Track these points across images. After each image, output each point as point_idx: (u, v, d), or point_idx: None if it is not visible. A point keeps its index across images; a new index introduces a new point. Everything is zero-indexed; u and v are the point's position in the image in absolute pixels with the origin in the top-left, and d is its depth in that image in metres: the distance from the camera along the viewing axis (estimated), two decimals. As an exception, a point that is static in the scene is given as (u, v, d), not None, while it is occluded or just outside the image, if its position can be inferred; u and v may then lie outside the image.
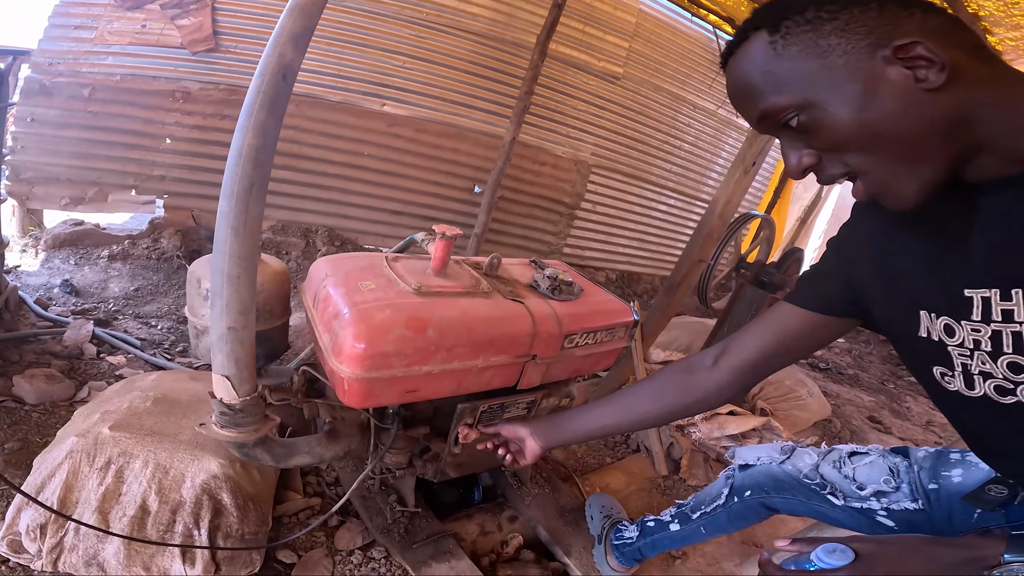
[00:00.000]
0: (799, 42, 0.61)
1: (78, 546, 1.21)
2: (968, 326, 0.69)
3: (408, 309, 1.03)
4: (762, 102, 0.65)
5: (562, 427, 1.16)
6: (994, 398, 0.70)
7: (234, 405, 0.94)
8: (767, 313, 0.98)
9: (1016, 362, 0.65)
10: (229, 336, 0.85)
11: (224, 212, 0.79)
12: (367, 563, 1.46)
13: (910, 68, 0.58)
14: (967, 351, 0.70)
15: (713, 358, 1.02)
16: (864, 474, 1.10)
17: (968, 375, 0.72)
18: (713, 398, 1.03)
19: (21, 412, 1.69)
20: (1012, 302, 0.63)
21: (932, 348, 0.75)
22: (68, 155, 2.87)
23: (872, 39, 0.58)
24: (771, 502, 1.25)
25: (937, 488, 1.02)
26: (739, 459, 1.33)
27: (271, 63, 0.78)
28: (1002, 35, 2.21)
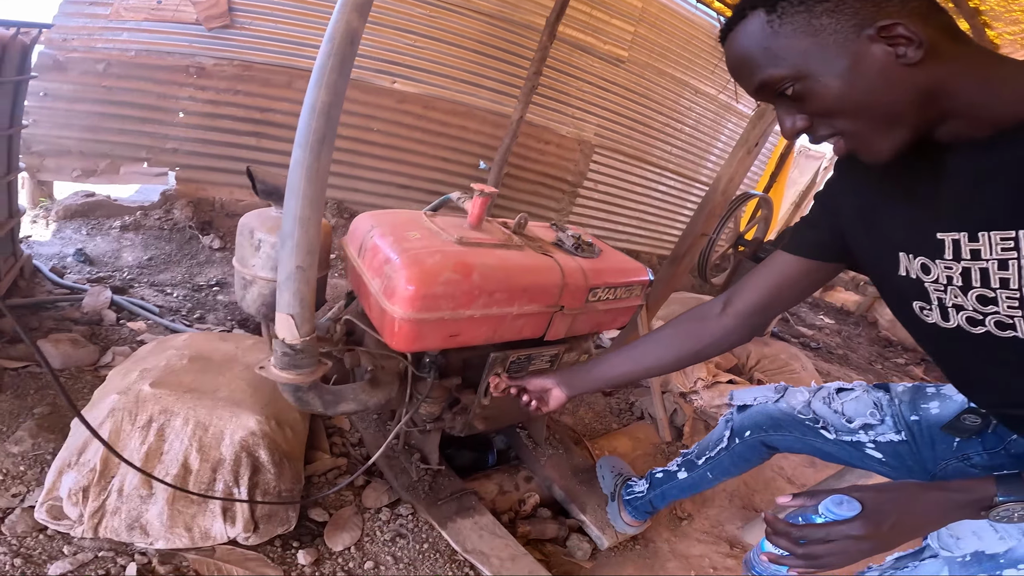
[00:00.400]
0: (794, 21, 0.69)
1: (120, 509, 1.22)
2: (942, 264, 0.78)
3: (454, 255, 1.12)
4: (761, 74, 0.73)
5: (584, 376, 1.24)
6: (967, 329, 0.79)
7: (295, 345, 1.01)
8: (765, 262, 1.08)
9: (984, 295, 0.75)
10: (297, 275, 0.94)
11: (299, 160, 0.87)
12: (395, 520, 1.53)
13: (892, 45, 0.65)
14: (941, 286, 0.80)
15: (721, 305, 1.12)
16: (852, 408, 1.19)
17: (943, 308, 0.81)
18: (723, 342, 1.13)
19: (46, 377, 1.70)
20: (979, 243, 0.73)
21: (911, 285, 0.84)
22: (80, 128, 2.89)
23: (858, 19, 0.66)
24: (770, 440, 1.34)
25: (918, 420, 1.11)
26: (737, 400, 1.42)
27: (340, 29, 0.84)
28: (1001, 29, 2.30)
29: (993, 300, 0.74)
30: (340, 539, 1.41)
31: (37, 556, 1.19)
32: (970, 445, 1.02)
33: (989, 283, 0.74)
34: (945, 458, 1.05)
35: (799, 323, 4.94)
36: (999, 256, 0.71)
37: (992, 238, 0.71)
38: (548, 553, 1.64)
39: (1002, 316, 0.74)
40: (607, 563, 1.67)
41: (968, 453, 1.02)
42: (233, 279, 2.72)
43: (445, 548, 1.48)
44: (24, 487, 1.32)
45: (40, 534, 1.23)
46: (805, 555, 0.82)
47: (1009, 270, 0.71)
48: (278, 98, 3.11)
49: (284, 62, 3.08)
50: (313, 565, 1.34)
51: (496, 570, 1.41)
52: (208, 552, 1.27)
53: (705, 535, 1.90)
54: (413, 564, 1.42)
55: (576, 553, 1.65)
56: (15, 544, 1.19)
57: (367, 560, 1.40)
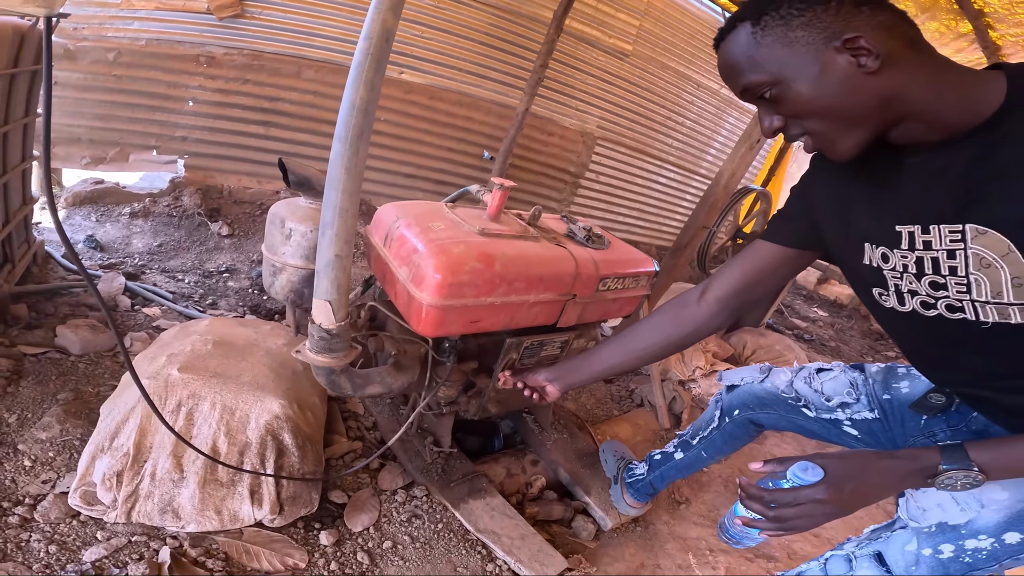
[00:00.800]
0: (774, 33, 0.76)
1: (153, 493, 1.24)
2: (899, 253, 0.87)
3: (478, 245, 1.18)
4: (744, 79, 0.81)
5: (576, 370, 1.32)
6: (921, 312, 0.88)
7: (331, 330, 1.06)
8: (744, 250, 1.15)
9: (935, 281, 0.83)
10: (335, 263, 0.99)
11: (339, 154, 0.92)
12: (410, 501, 1.58)
13: (854, 56, 0.72)
14: (898, 274, 0.88)
15: (699, 293, 1.19)
16: (830, 387, 1.26)
17: (900, 293, 0.90)
18: (704, 327, 1.19)
19: (67, 363, 1.72)
20: (931, 235, 0.82)
21: (872, 273, 0.93)
22: (90, 116, 2.90)
23: (828, 32, 0.73)
24: (757, 418, 1.41)
25: (890, 399, 1.19)
26: (726, 380, 1.49)
27: (376, 28, 0.88)
28: (1004, 31, 2.35)
29: (943, 286, 0.83)
30: (359, 520, 1.46)
31: (71, 542, 1.21)
32: (936, 423, 1.10)
33: (940, 271, 0.82)
34: (913, 435, 1.12)
35: (793, 315, 5.02)
36: (948, 247, 0.80)
37: (942, 231, 0.80)
38: (554, 533, 1.69)
39: (952, 300, 0.83)
40: (610, 543, 1.74)
41: (934, 430, 1.09)
42: (243, 266, 2.78)
43: (458, 528, 1.54)
44: (55, 473, 1.34)
45: (73, 520, 1.25)
46: (775, 518, 0.90)
47: (957, 259, 0.79)
48: (287, 88, 3.13)
49: (294, 52, 3.09)
50: (335, 545, 1.39)
51: (507, 548, 1.48)
52: (236, 534, 1.31)
53: (702, 518, 1.97)
54: (429, 543, 1.48)
55: (581, 533, 1.71)
56: (48, 531, 1.21)
57: (385, 540, 1.46)
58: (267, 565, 1.28)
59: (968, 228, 0.77)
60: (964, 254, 0.78)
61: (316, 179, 1.35)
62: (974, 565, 0.92)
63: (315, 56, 3.13)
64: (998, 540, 0.90)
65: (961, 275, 0.80)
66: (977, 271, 0.78)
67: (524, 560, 1.46)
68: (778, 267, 1.11)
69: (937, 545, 0.94)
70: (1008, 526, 0.89)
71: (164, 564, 1.19)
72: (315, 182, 1.35)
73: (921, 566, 0.96)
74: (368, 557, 1.40)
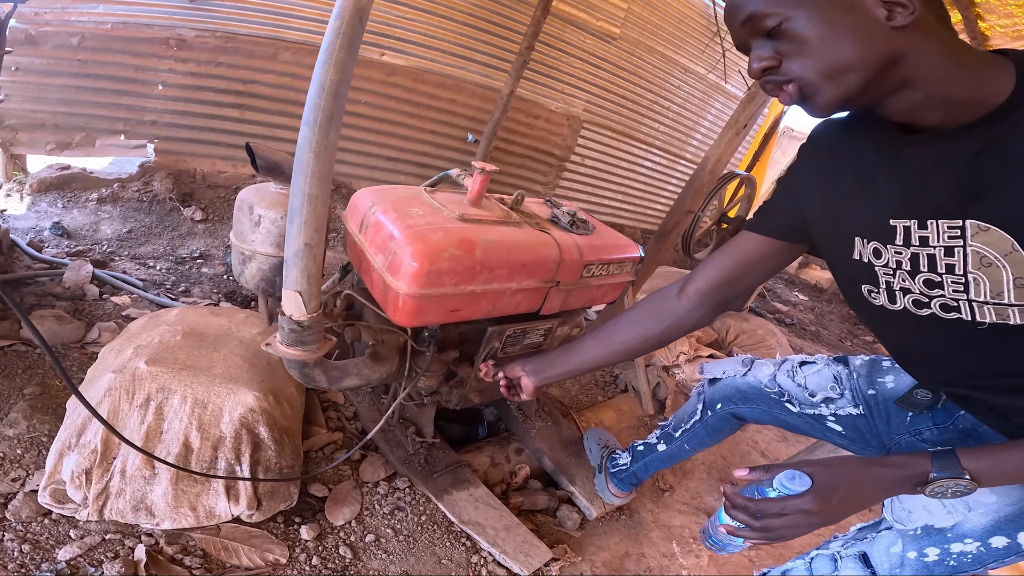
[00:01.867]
0: None
1: (125, 490, 1.20)
2: (892, 249, 0.82)
3: (457, 232, 1.13)
4: (752, 5, 0.74)
5: (553, 363, 1.26)
6: (912, 311, 0.84)
7: (303, 321, 1.02)
8: (728, 243, 1.10)
9: (931, 279, 0.79)
10: (305, 252, 0.94)
11: (307, 138, 0.87)
12: (392, 493, 1.55)
13: (886, 5, 0.68)
14: (891, 270, 0.84)
15: (680, 287, 1.14)
16: (814, 382, 1.23)
17: (891, 291, 0.86)
18: (683, 322, 1.13)
19: (33, 356, 1.66)
20: (928, 230, 0.77)
21: (862, 268, 0.88)
22: (55, 102, 2.79)
23: None
24: (739, 412, 1.39)
25: (875, 394, 1.15)
26: (708, 373, 1.46)
27: (348, 6, 0.83)
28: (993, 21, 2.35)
29: (939, 284, 0.79)
30: (341, 514, 1.44)
31: (44, 541, 1.18)
32: (921, 420, 1.07)
33: (936, 268, 0.78)
34: (899, 432, 1.10)
35: (775, 299, 5.07)
36: (946, 243, 0.76)
37: (940, 226, 0.76)
38: (539, 523, 1.69)
39: (947, 299, 0.79)
40: (595, 532, 1.74)
41: (919, 428, 1.06)
42: (217, 252, 2.71)
43: (442, 520, 1.52)
44: (23, 471, 1.30)
45: (45, 519, 1.22)
46: (762, 528, 0.87)
47: (955, 257, 0.75)
48: (262, 70, 3.03)
49: (269, 33, 2.99)
50: (316, 540, 1.37)
51: (491, 539, 1.47)
52: (214, 531, 1.28)
53: (685, 506, 1.98)
54: (412, 536, 1.46)
55: (566, 523, 1.71)
56: (21, 530, 1.18)
57: (368, 533, 1.43)
58: (247, 561, 1.25)
59: (968, 224, 0.73)
60: (963, 251, 0.74)
61: (286, 164, 1.30)
62: (959, 568, 0.92)
63: (292, 38, 3.03)
64: (984, 544, 0.89)
65: (959, 273, 0.76)
66: (976, 270, 0.74)
67: (509, 551, 1.45)
68: (763, 259, 1.06)
69: (922, 548, 0.93)
70: (995, 530, 0.88)
71: (140, 562, 1.16)
72: (285, 167, 1.30)
73: (906, 568, 0.95)
74: (351, 551, 1.37)
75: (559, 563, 1.53)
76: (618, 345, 1.19)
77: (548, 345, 1.59)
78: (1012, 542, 0.87)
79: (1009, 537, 0.87)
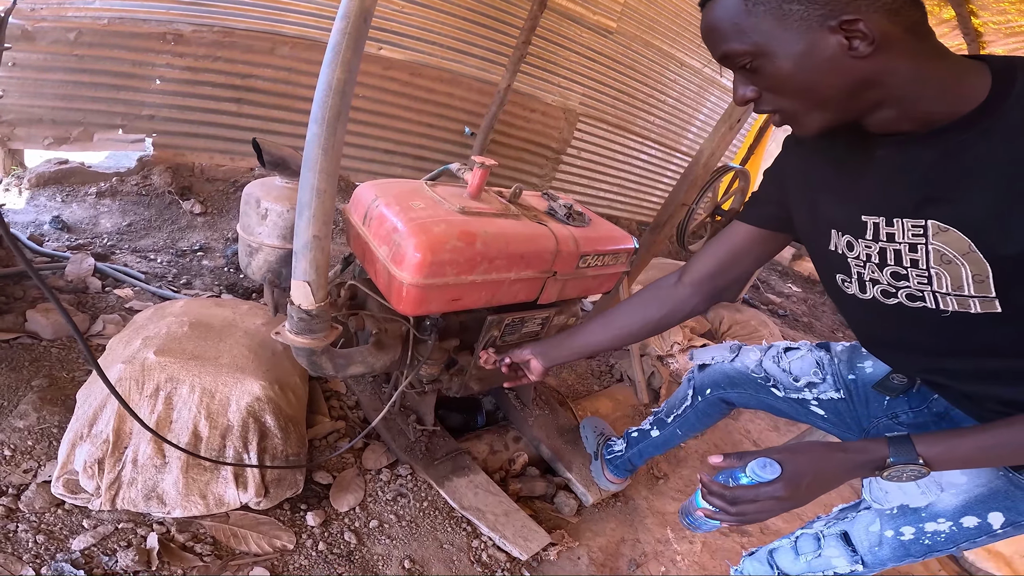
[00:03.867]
0: (767, 3, 0.70)
1: (136, 479, 1.22)
2: (863, 243, 0.86)
3: (459, 224, 1.17)
4: (725, 45, 0.76)
5: (559, 346, 1.31)
6: (880, 300, 0.89)
7: (311, 311, 1.05)
8: (720, 233, 1.15)
9: (897, 272, 0.83)
10: (313, 244, 0.97)
11: (315, 135, 0.90)
12: (395, 480, 1.59)
13: (847, 38, 0.68)
14: (861, 263, 0.88)
15: (677, 276, 1.20)
16: (797, 367, 1.28)
17: (862, 281, 0.90)
18: (681, 309, 1.19)
19: (39, 348, 1.68)
20: (894, 228, 0.81)
21: (837, 259, 0.93)
22: (52, 97, 2.78)
23: (827, 10, 0.67)
24: (728, 396, 1.43)
25: (855, 379, 1.20)
26: (697, 359, 1.50)
27: (354, 7, 0.85)
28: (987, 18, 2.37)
29: (905, 277, 0.83)
30: (345, 500, 1.48)
31: (58, 531, 1.20)
32: (898, 404, 1.11)
33: (902, 262, 0.82)
34: (877, 415, 1.14)
35: (768, 290, 5.11)
36: (910, 241, 0.80)
37: (904, 224, 0.80)
38: (537, 509, 1.73)
39: (912, 290, 0.83)
40: (592, 518, 1.78)
41: (896, 412, 1.11)
42: (217, 244, 2.73)
43: (443, 505, 1.56)
44: (35, 462, 1.32)
45: (58, 509, 1.24)
46: (737, 513, 0.92)
47: (918, 253, 0.79)
48: (260, 64, 3.04)
49: (267, 28, 2.99)
50: (321, 526, 1.40)
51: (491, 525, 1.51)
52: (223, 518, 1.31)
53: (679, 493, 2.02)
54: (415, 521, 1.50)
55: (563, 509, 1.75)
56: (35, 521, 1.20)
57: (372, 519, 1.47)
58: (255, 548, 1.29)
59: (930, 224, 0.77)
60: (925, 248, 0.78)
61: (292, 159, 1.33)
62: (933, 547, 0.96)
63: (290, 32, 3.03)
64: (956, 524, 0.93)
65: (922, 268, 0.80)
66: (938, 266, 0.78)
67: (508, 536, 1.49)
68: (752, 248, 1.11)
69: (899, 527, 0.98)
70: (966, 510, 0.92)
71: (152, 550, 1.19)
72: (291, 162, 1.33)
73: (884, 547, 0.99)
74: (355, 537, 1.41)
75: (557, 548, 1.57)
76: (619, 330, 1.25)
77: (546, 333, 1.63)
78: (983, 522, 0.92)
79: (979, 517, 0.92)
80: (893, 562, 1.01)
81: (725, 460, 0.96)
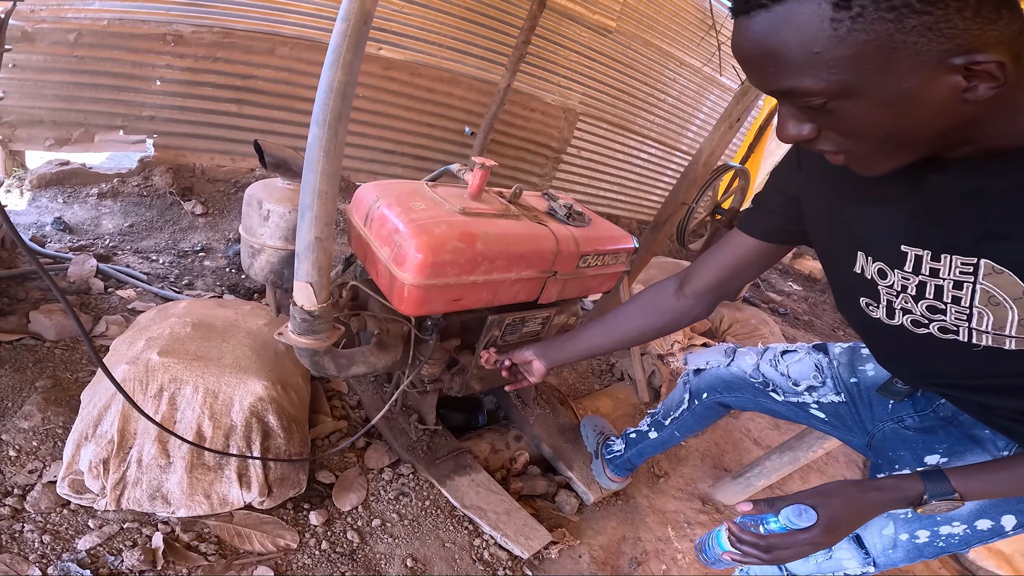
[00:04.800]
0: (871, 29, 0.51)
1: (141, 479, 1.23)
2: (900, 273, 0.78)
3: (459, 225, 1.18)
4: (790, 80, 0.57)
5: (561, 348, 1.31)
6: (909, 328, 0.83)
7: (314, 311, 1.06)
8: (721, 242, 1.10)
9: (934, 306, 0.77)
10: (316, 245, 0.98)
11: (316, 137, 0.91)
12: (397, 479, 1.60)
13: (969, 79, 0.53)
14: (894, 292, 0.81)
15: (677, 284, 1.16)
16: (796, 371, 1.25)
17: (891, 309, 0.84)
18: (682, 319, 1.17)
19: (43, 349, 1.68)
20: (940, 263, 0.73)
21: (863, 282, 0.86)
22: (52, 98, 2.79)
23: (953, 44, 0.51)
24: (725, 400, 1.42)
25: (857, 382, 1.18)
26: (691, 364, 1.49)
27: (354, 9, 0.85)
28: None
29: (942, 311, 0.76)
30: (347, 499, 1.48)
31: (64, 531, 1.21)
32: (903, 408, 1.09)
33: (942, 298, 0.75)
34: (882, 419, 1.12)
35: (768, 289, 5.11)
36: (957, 278, 0.72)
37: (953, 261, 0.72)
38: (539, 508, 1.74)
39: (947, 324, 0.77)
40: (593, 517, 1.78)
41: (902, 415, 1.09)
42: (219, 245, 2.74)
43: (445, 504, 1.57)
44: (40, 462, 1.32)
45: (64, 509, 1.25)
46: (771, 560, 0.91)
47: (963, 290, 0.72)
48: (261, 65, 3.04)
49: (267, 28, 3.00)
50: (324, 525, 1.41)
51: (493, 523, 1.51)
52: (227, 518, 1.32)
53: (680, 492, 2.03)
54: (417, 520, 1.51)
55: (564, 508, 1.75)
56: (41, 521, 1.21)
57: (374, 518, 1.48)
58: (259, 547, 1.29)
59: (983, 263, 0.68)
60: (972, 287, 0.71)
61: (293, 160, 1.34)
62: (947, 548, 0.97)
63: (289, 33, 3.04)
64: (970, 526, 0.93)
65: (964, 305, 0.73)
66: (983, 306, 0.71)
67: (510, 535, 1.49)
68: (756, 260, 1.07)
69: (914, 531, 0.98)
70: (981, 514, 0.93)
71: (158, 550, 1.20)
72: (292, 163, 1.33)
73: (898, 550, 0.99)
74: (358, 536, 1.42)
75: (558, 546, 1.58)
76: (620, 335, 1.24)
77: (546, 333, 1.63)
78: (996, 524, 0.92)
79: (993, 520, 0.92)
80: (905, 563, 1.01)
81: (755, 507, 0.94)
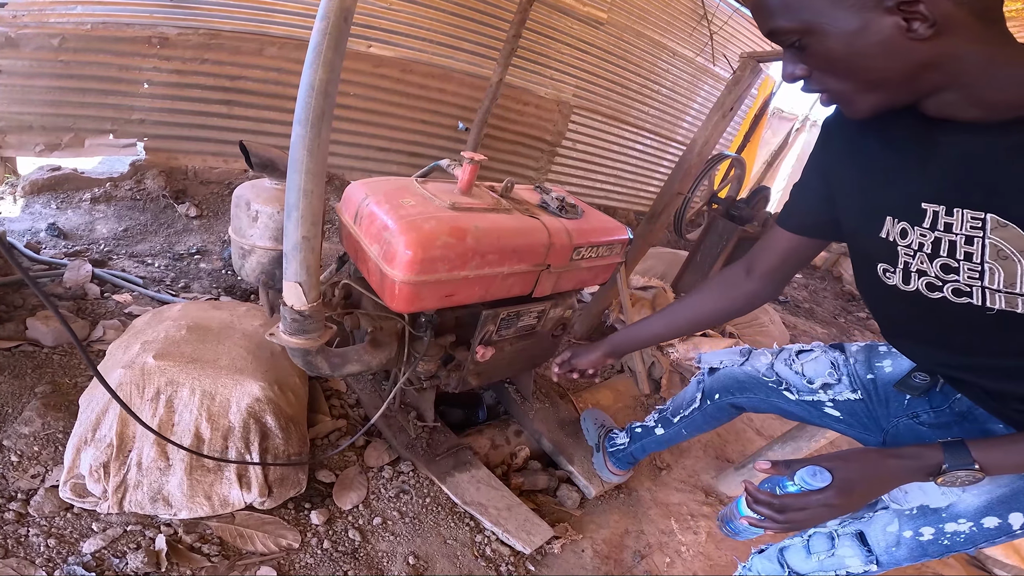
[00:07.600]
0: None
1: (142, 482, 1.23)
2: (919, 231, 0.83)
3: (449, 220, 1.16)
4: (773, 22, 0.75)
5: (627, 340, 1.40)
6: (924, 293, 0.85)
7: (304, 311, 1.06)
8: (765, 237, 1.18)
9: (948, 264, 0.80)
10: (303, 245, 0.97)
11: (300, 136, 0.89)
12: (397, 477, 1.59)
13: (907, 19, 0.65)
14: (912, 252, 0.85)
15: (745, 270, 1.22)
16: (811, 369, 1.26)
17: (907, 272, 0.87)
18: (754, 300, 1.23)
19: (41, 355, 1.68)
20: (953, 218, 0.78)
21: (886, 248, 0.89)
22: (40, 104, 2.78)
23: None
24: (737, 401, 1.42)
25: (873, 379, 1.17)
26: (705, 363, 1.49)
27: (333, 7, 0.84)
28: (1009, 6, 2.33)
29: (955, 270, 0.80)
30: (348, 498, 1.48)
31: (69, 535, 1.21)
32: (919, 403, 1.09)
33: (955, 254, 0.79)
34: (897, 415, 1.12)
35: (770, 278, 5.10)
36: (967, 232, 0.77)
37: (964, 215, 0.77)
38: (540, 502, 1.73)
39: (960, 284, 0.80)
40: (595, 511, 1.78)
41: (917, 411, 1.09)
42: (214, 247, 2.73)
43: (446, 501, 1.57)
44: (42, 467, 1.33)
45: (67, 513, 1.25)
46: (785, 521, 0.91)
47: (974, 246, 0.77)
48: (249, 66, 3.02)
49: (254, 29, 2.98)
50: (326, 524, 1.41)
51: (494, 519, 1.51)
52: (228, 519, 1.32)
53: (683, 484, 2.02)
54: (418, 518, 1.50)
55: (566, 502, 1.75)
56: (45, 525, 1.22)
57: (375, 516, 1.48)
58: (261, 547, 1.30)
59: (989, 218, 0.74)
60: (982, 242, 0.76)
61: (280, 160, 1.32)
62: (952, 547, 0.95)
63: (277, 33, 3.02)
64: (977, 524, 0.92)
65: (976, 262, 0.77)
66: (993, 261, 0.76)
67: (511, 530, 1.49)
68: (804, 251, 1.14)
69: (918, 528, 0.97)
70: (987, 511, 0.91)
71: (162, 552, 1.21)
72: (279, 163, 1.32)
73: (902, 547, 0.98)
74: (359, 534, 1.42)
75: (560, 541, 1.57)
76: (684, 322, 1.30)
77: (542, 327, 1.63)
78: (1003, 522, 0.91)
79: (1000, 518, 0.91)
80: (909, 562, 1.00)
81: (773, 467, 0.95)
